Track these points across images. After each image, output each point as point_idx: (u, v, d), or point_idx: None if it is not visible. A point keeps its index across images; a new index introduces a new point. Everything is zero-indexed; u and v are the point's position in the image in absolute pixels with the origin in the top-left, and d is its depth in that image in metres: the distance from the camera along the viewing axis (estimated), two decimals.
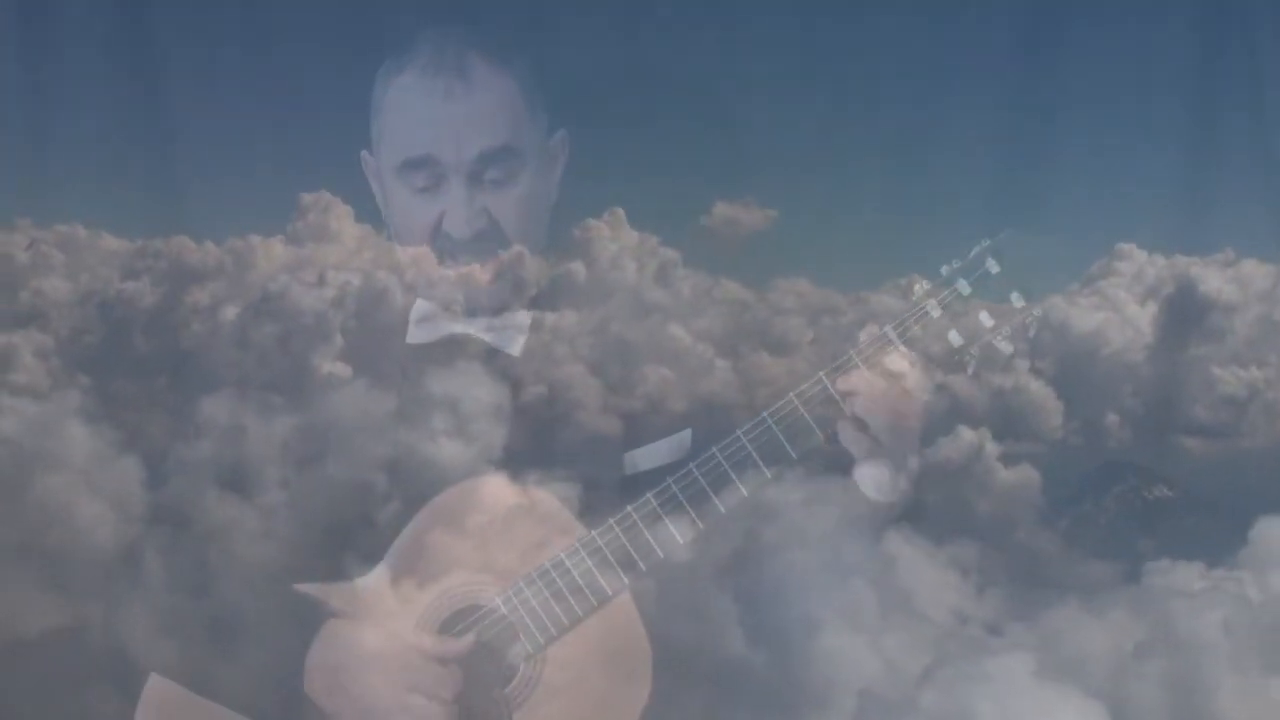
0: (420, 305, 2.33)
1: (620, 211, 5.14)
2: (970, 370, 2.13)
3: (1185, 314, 5.00)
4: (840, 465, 2.15)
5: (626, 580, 2.10)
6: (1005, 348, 2.10)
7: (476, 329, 2.31)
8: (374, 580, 2.13)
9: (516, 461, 2.26)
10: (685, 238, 5.11)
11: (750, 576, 2.15)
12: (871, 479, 2.14)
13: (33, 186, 4.89)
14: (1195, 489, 4.78)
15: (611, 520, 2.10)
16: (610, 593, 2.10)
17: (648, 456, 2.23)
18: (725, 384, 4.87)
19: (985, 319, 2.09)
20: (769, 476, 2.10)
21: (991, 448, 4.42)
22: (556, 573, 2.11)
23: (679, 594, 2.11)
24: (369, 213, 2.45)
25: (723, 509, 2.10)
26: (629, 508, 2.10)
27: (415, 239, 2.28)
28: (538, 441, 2.32)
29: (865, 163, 5.17)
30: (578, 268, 2.41)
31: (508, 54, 2.33)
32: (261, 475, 2.17)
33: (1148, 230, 5.12)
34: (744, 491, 2.09)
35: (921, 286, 2.11)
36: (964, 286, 2.09)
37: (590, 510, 2.25)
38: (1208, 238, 5.00)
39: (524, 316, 2.33)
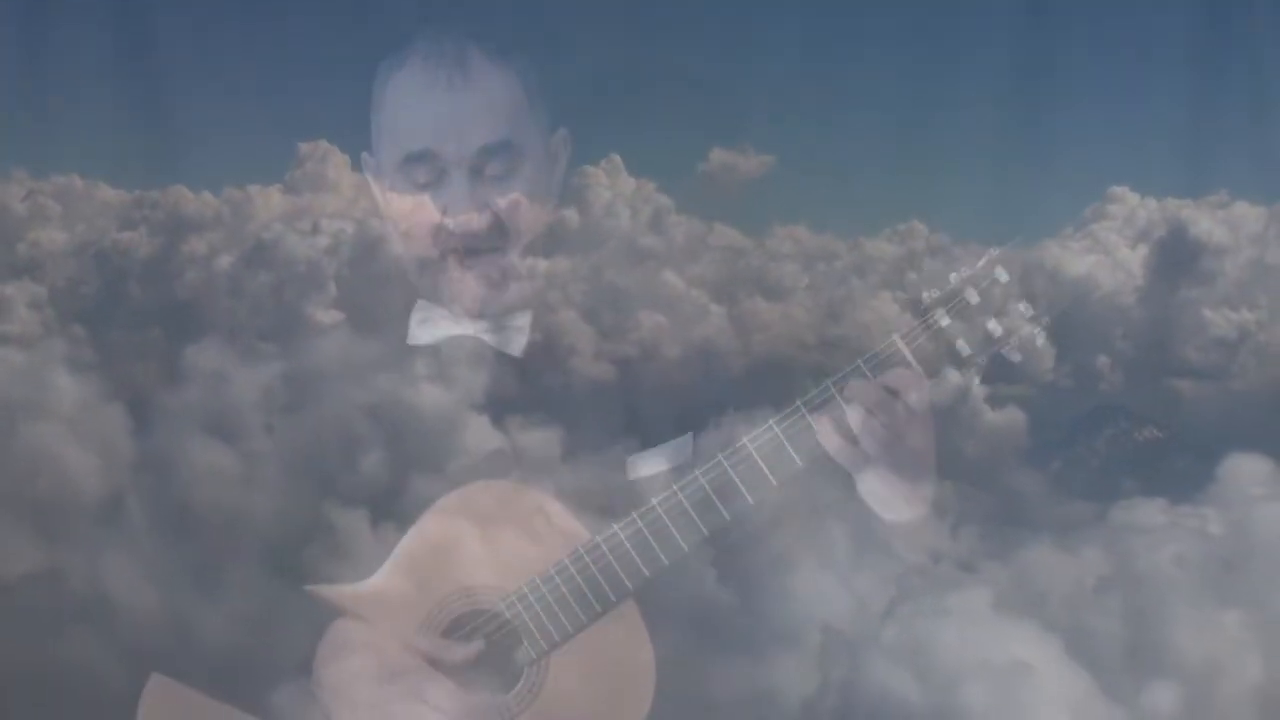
0: (421, 306, 2.30)
1: (617, 158, 5.15)
2: (978, 381, 2.08)
3: (1176, 257, 5.02)
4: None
5: (630, 586, 2.07)
6: (1014, 357, 2.06)
7: (478, 330, 2.28)
8: (377, 584, 2.12)
9: (497, 407, 2.28)
10: (682, 184, 5.13)
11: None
12: (870, 492, 2.10)
13: (30, 138, 4.91)
14: (1186, 430, 4.80)
15: (615, 526, 2.07)
16: (614, 598, 2.07)
17: (650, 462, 2.19)
18: (719, 330, 4.91)
19: (994, 328, 2.05)
20: (774, 484, 2.06)
21: (978, 389, 4.44)
22: (560, 578, 2.08)
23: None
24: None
25: (727, 516, 2.06)
26: (634, 514, 2.07)
27: (419, 235, 2.24)
28: (521, 387, 2.33)
29: (863, 110, 5.18)
30: (571, 214, 2.40)
31: (508, 49, 2.32)
32: (246, 422, 2.19)
33: (1142, 173, 5.14)
34: (749, 499, 2.06)
35: (930, 295, 2.05)
36: (972, 295, 2.04)
37: (572, 456, 2.27)
38: (1201, 180, 5.02)
39: (525, 317, 2.30)
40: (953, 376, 2.06)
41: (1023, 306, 2.04)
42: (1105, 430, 4.74)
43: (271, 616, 2.07)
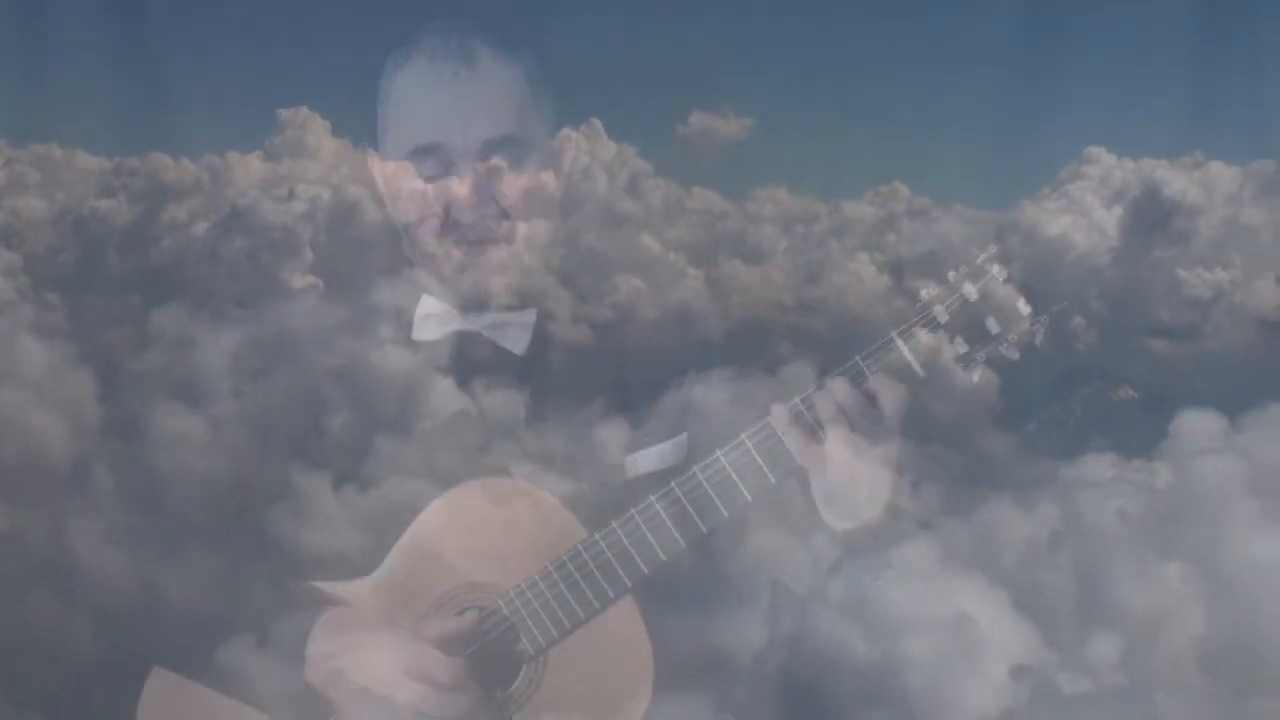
0: (426, 302, 2.28)
1: (598, 122, 5.16)
2: (976, 377, 2.06)
3: (1150, 217, 5.04)
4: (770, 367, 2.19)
5: (629, 583, 2.07)
6: (1011, 354, 2.04)
7: (482, 326, 2.26)
8: (375, 580, 2.12)
9: (461, 369, 2.29)
10: (662, 148, 5.16)
11: (677, 475, 2.18)
12: (821, 494, 2.08)
13: (7, 106, 4.92)
14: (1160, 389, 4.84)
15: (614, 523, 2.07)
16: (612, 595, 2.07)
17: (648, 460, 2.19)
18: (697, 293, 4.94)
19: (991, 325, 2.04)
20: (772, 481, 2.05)
21: (949, 350, 4.46)
22: (559, 574, 2.09)
23: (609, 496, 2.15)
24: (346, 127, 2.45)
25: (726, 513, 2.05)
26: (632, 510, 2.07)
27: (425, 227, 2.22)
28: (488, 350, 2.35)
29: (842, 73, 5.19)
30: (548, 178, 2.40)
31: (514, 44, 2.33)
32: (214, 386, 2.21)
33: (1119, 134, 5.16)
34: (748, 496, 2.05)
35: (929, 291, 2.03)
36: (970, 292, 2.03)
37: (537, 418, 2.29)
38: (1178, 141, 5.05)
39: (529, 315, 2.29)
40: (923, 337, 2.06)
41: (1021, 304, 2.03)
42: (1080, 389, 4.77)
43: (234, 579, 2.09)
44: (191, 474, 2.16)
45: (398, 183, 2.27)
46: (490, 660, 2.08)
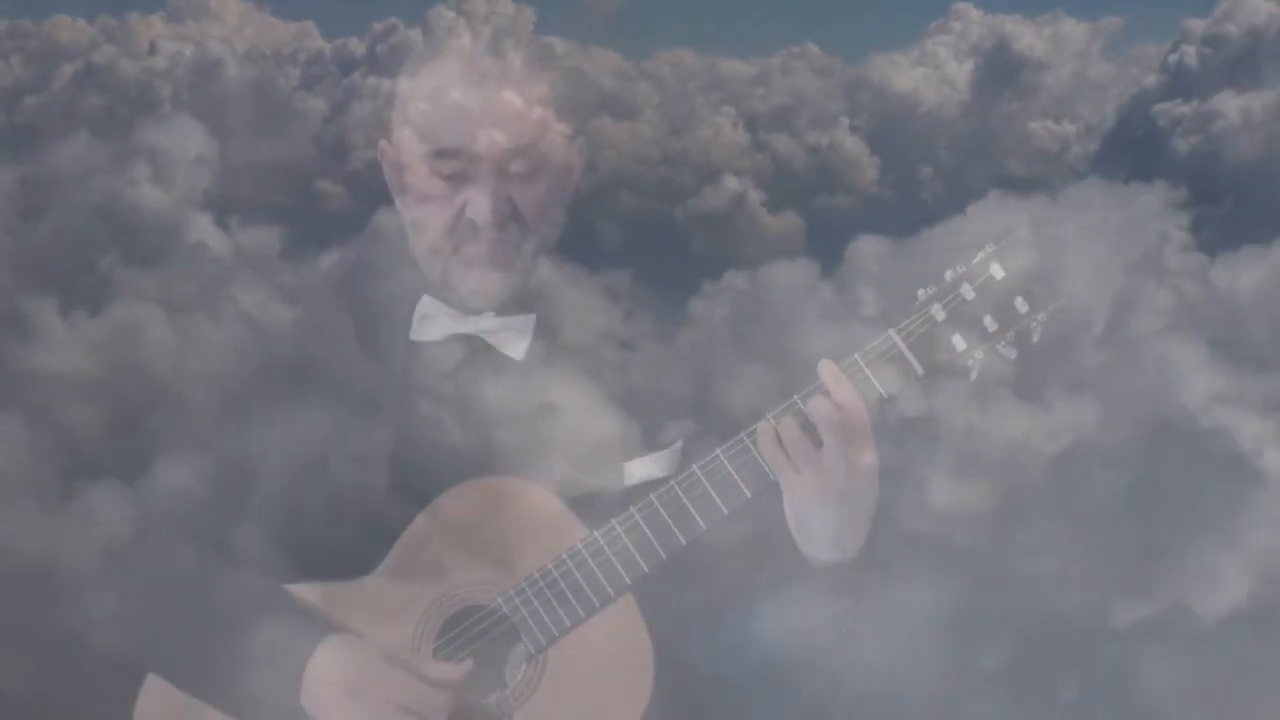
0: (426, 302, 2.35)
1: None
2: (974, 376, 2.12)
3: (1000, 71, 5.12)
4: None
5: (629, 581, 2.14)
6: (1009, 353, 2.11)
7: (479, 328, 2.33)
8: (375, 581, 2.18)
9: (218, 208, 2.41)
10: (560, 7, 5.20)
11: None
12: (794, 514, 2.12)
13: None
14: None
15: (614, 520, 2.14)
16: (612, 593, 2.13)
17: (642, 469, 2.24)
18: (557, 148, 5.03)
19: (989, 324, 2.11)
20: (771, 478, 2.12)
21: (755, 194, 4.59)
22: (558, 573, 2.14)
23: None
24: None
25: (725, 510, 2.13)
26: (632, 508, 2.14)
27: (435, 224, 2.30)
28: (250, 191, 2.47)
29: None
30: (415, 35, 2.47)
31: (543, 53, 2.41)
32: None
33: None
34: (747, 493, 2.12)
35: (926, 291, 2.11)
36: (968, 291, 2.10)
37: (288, 253, 2.40)
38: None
39: (529, 321, 2.34)
40: (730, 182, 2.18)
41: (1018, 301, 2.09)
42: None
43: None
44: None
45: (415, 178, 2.32)
46: (489, 660, 2.16)
